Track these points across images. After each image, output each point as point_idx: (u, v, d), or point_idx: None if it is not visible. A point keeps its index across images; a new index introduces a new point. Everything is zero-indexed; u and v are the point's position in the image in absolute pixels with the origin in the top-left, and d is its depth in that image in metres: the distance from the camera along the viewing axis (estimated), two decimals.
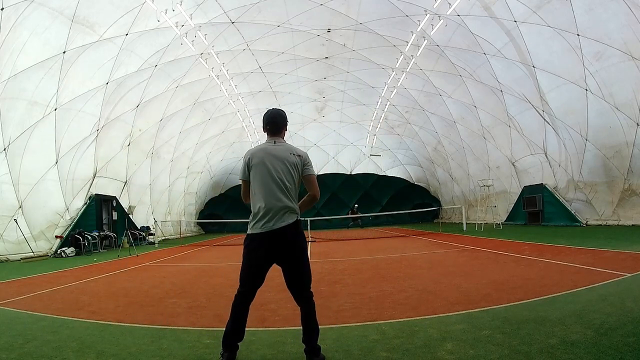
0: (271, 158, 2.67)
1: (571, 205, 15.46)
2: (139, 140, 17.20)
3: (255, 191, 2.67)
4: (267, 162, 2.66)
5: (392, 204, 28.77)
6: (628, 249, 7.02)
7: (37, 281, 7.07)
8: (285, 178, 2.64)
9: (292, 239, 2.63)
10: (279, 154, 2.69)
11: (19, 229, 11.56)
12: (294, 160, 2.69)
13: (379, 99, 21.60)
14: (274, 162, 2.66)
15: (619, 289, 4.12)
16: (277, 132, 2.83)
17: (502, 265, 6.43)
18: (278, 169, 2.64)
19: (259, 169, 2.66)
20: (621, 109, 11.99)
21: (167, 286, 6.03)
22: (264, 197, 2.62)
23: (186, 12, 12.03)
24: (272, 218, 2.59)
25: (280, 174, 2.64)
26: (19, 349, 3.10)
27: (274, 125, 2.82)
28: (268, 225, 2.59)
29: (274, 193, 2.61)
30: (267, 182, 2.63)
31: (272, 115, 2.85)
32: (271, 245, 2.60)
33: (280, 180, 2.63)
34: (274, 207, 2.59)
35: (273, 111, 2.89)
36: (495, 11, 12.34)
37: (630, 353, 2.39)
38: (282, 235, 2.59)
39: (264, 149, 2.73)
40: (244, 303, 2.71)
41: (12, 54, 9.96)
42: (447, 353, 2.64)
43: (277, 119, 2.84)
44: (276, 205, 2.60)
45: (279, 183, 2.63)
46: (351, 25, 15.06)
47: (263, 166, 2.66)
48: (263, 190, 2.63)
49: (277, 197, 2.61)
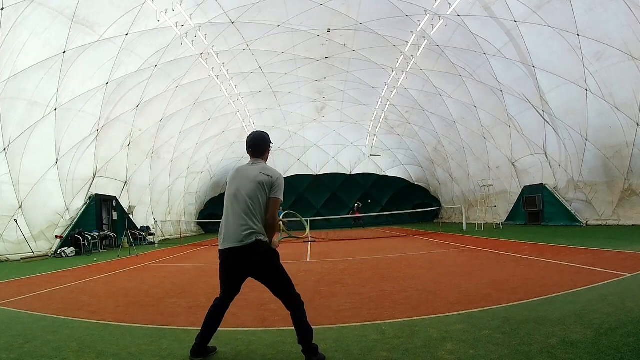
0: (241, 178, 2.74)
1: (571, 205, 15.46)
2: (139, 140, 17.20)
3: (224, 209, 2.76)
4: (236, 182, 2.73)
5: (392, 204, 28.76)
6: (628, 249, 7.02)
7: (37, 281, 7.07)
8: (250, 198, 2.65)
9: (253, 259, 2.64)
10: (249, 174, 2.73)
11: (19, 229, 11.56)
12: (263, 179, 2.68)
13: (379, 99, 21.59)
14: (243, 182, 2.71)
15: (619, 289, 4.11)
16: (258, 154, 2.86)
17: (502, 265, 6.43)
18: (246, 188, 2.67)
19: (229, 188, 2.75)
20: (621, 109, 11.99)
21: (167, 286, 6.03)
22: (226, 217, 2.71)
23: (186, 12, 12.03)
24: (230, 237, 2.65)
25: (246, 194, 2.66)
26: (19, 349, 3.10)
27: (255, 148, 2.86)
28: (227, 243, 2.66)
29: (236, 213, 2.65)
30: (232, 202, 2.70)
31: (254, 138, 2.89)
32: (233, 262, 2.68)
33: (244, 201, 2.65)
34: (233, 227, 2.65)
35: (255, 134, 2.92)
36: (495, 11, 12.33)
37: (630, 353, 2.39)
38: (242, 255, 2.63)
39: (242, 170, 2.81)
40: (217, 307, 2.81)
41: (12, 54, 9.96)
42: (447, 353, 2.64)
43: (258, 142, 2.87)
44: (236, 225, 2.64)
45: (243, 203, 2.65)
46: (351, 25, 15.05)
47: (232, 186, 2.74)
48: (228, 209, 2.71)
49: (238, 217, 2.64)
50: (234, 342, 3.12)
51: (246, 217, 2.63)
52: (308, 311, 4.04)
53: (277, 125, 25.23)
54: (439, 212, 27.32)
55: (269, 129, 25.41)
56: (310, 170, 29.30)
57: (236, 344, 3.09)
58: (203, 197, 28.60)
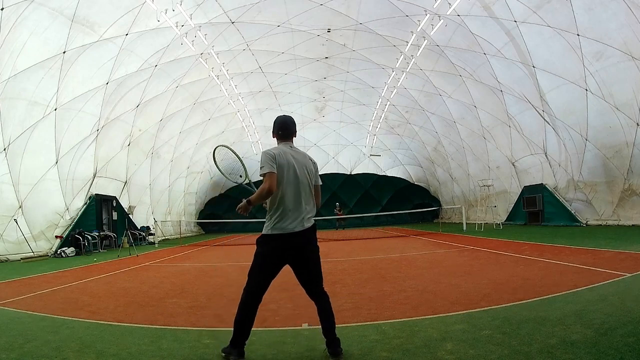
0: (296, 161, 2.75)
1: (571, 205, 15.46)
2: (139, 140, 17.20)
3: (279, 193, 2.67)
4: (293, 164, 2.72)
5: (392, 204, 28.76)
6: (628, 249, 7.01)
7: (37, 281, 7.07)
8: (308, 182, 2.75)
9: (311, 242, 2.71)
10: (300, 159, 2.78)
11: (19, 229, 11.55)
12: (311, 167, 2.81)
13: (379, 99, 21.60)
14: (299, 166, 2.74)
15: (619, 289, 4.11)
16: (289, 136, 2.90)
17: (502, 265, 6.43)
18: (303, 173, 2.73)
19: (287, 170, 2.69)
20: (621, 109, 11.99)
21: (167, 286, 6.03)
22: (292, 199, 2.66)
23: (186, 12, 12.03)
24: (295, 220, 2.65)
25: (305, 178, 2.73)
26: (19, 349, 3.10)
27: (286, 131, 2.89)
28: (290, 227, 2.63)
29: (299, 196, 2.69)
30: (295, 185, 2.69)
31: (284, 121, 2.91)
32: (289, 246, 2.65)
33: (304, 184, 2.72)
34: (299, 210, 2.66)
35: (285, 117, 2.94)
36: (495, 11, 12.33)
37: (630, 353, 2.39)
38: (302, 238, 2.65)
39: (286, 152, 2.77)
40: (255, 302, 2.72)
41: (12, 54, 9.96)
42: (447, 353, 2.64)
43: (289, 125, 2.90)
44: (301, 208, 2.67)
45: (305, 187, 2.72)
46: (351, 25, 15.06)
47: (290, 168, 2.70)
48: (290, 192, 2.67)
49: (302, 200, 2.69)
50: None
51: (307, 200, 2.71)
52: (308, 311, 4.05)
53: None
54: (439, 212, 27.32)
55: (269, 129, 25.29)
56: None
57: None
58: (203, 197, 28.60)
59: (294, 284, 3.20)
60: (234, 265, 8.73)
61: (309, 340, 3.12)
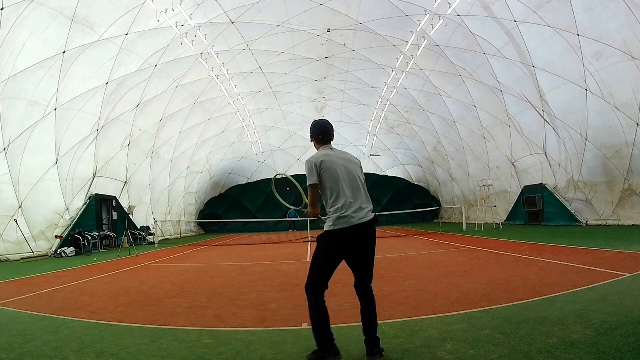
0: (343, 161, 2.84)
1: (571, 205, 15.46)
2: (139, 140, 17.20)
3: (337, 191, 2.74)
4: (341, 164, 2.80)
5: (392, 204, 28.77)
6: (628, 249, 7.02)
7: (37, 281, 7.07)
8: (358, 178, 2.82)
9: (372, 235, 2.76)
10: (347, 158, 2.90)
11: (19, 229, 11.55)
12: (357, 164, 2.92)
13: (379, 99, 21.60)
14: (347, 164, 2.83)
15: (619, 289, 4.11)
16: (329, 140, 3.00)
17: (502, 265, 6.43)
18: (352, 169, 2.83)
19: (335, 171, 2.76)
20: (621, 109, 11.99)
21: (167, 286, 6.03)
22: (350, 194, 2.73)
23: (186, 12, 12.03)
24: (358, 212, 2.70)
25: (355, 175, 2.82)
26: (19, 349, 3.10)
27: (325, 135, 2.98)
28: (353, 220, 2.67)
29: (357, 191, 2.77)
30: (349, 181, 2.77)
31: (324, 125, 3.01)
32: (353, 239, 2.70)
33: (356, 181, 2.80)
34: (360, 204, 2.74)
35: (323, 121, 3.05)
36: (495, 11, 12.34)
37: (630, 353, 2.39)
38: (365, 229, 2.70)
39: (330, 154, 2.86)
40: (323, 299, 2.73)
41: (12, 54, 9.96)
42: (447, 353, 2.64)
43: (328, 129, 3.00)
44: (361, 202, 2.75)
45: (357, 182, 2.80)
46: (351, 25, 15.06)
47: (340, 167, 2.78)
48: (347, 188, 2.74)
49: (360, 195, 2.78)
50: (234, 342, 3.12)
51: (364, 196, 2.79)
52: (307, 311, 4.05)
53: (277, 125, 25.24)
54: (439, 212, 27.34)
55: (269, 129, 25.46)
56: None
57: (236, 344, 3.08)
58: (203, 197, 28.61)
59: (293, 285, 3.19)
60: (234, 265, 8.73)
61: (309, 340, 3.12)
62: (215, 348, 2.99)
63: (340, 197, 2.72)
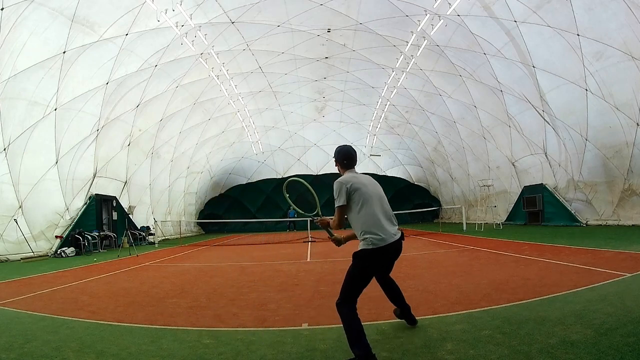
0: (370, 183, 3.10)
1: (571, 205, 15.46)
2: (139, 140, 17.20)
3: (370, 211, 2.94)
4: (370, 188, 3.04)
5: (392, 204, 28.01)
6: (628, 249, 7.02)
7: (37, 281, 7.07)
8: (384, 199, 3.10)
9: (401, 249, 3.03)
10: (372, 180, 3.16)
11: (19, 229, 11.56)
12: (380, 187, 3.18)
13: (379, 99, 21.59)
14: (374, 187, 3.09)
15: (619, 289, 4.11)
16: (353, 164, 3.23)
17: (502, 265, 6.43)
18: (380, 191, 3.11)
19: (366, 193, 2.98)
20: (621, 109, 11.99)
21: (167, 286, 6.03)
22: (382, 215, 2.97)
23: (186, 12, 12.03)
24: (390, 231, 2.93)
25: (383, 195, 3.11)
26: (19, 349, 3.10)
27: (350, 160, 3.21)
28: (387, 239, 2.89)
29: (387, 211, 3.05)
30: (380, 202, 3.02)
31: (349, 151, 3.24)
32: (387, 257, 2.97)
33: (383, 201, 3.07)
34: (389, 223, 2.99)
35: (348, 147, 3.29)
36: (495, 11, 12.34)
37: (630, 353, 2.39)
38: (397, 246, 2.96)
39: (359, 177, 3.10)
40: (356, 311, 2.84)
41: (12, 54, 9.96)
42: (447, 353, 2.64)
43: (353, 154, 3.25)
44: (391, 221, 3.02)
45: (384, 203, 3.07)
46: (351, 25, 15.06)
47: (369, 189, 3.02)
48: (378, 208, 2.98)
49: (389, 214, 3.05)
50: (234, 342, 3.12)
51: (392, 215, 3.07)
52: (308, 311, 4.06)
53: (277, 125, 25.24)
54: (439, 212, 27.33)
55: (269, 129, 25.46)
56: (310, 170, 29.28)
57: (236, 344, 3.08)
58: (203, 197, 28.60)
59: (293, 285, 3.19)
60: (234, 265, 8.73)
61: (309, 340, 3.13)
62: (215, 348, 2.99)
63: (374, 217, 2.93)
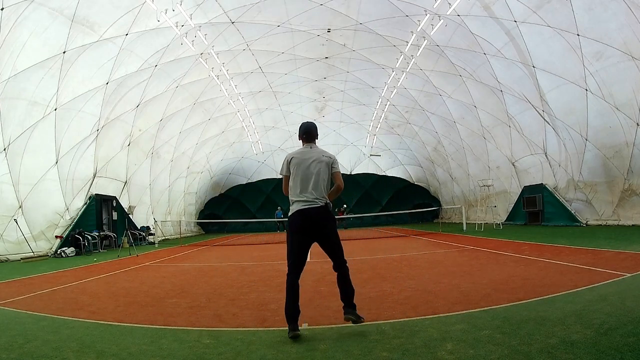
0: (312, 160, 3.44)
1: (571, 205, 15.45)
2: (139, 140, 17.20)
3: (295, 181, 3.43)
4: (309, 162, 3.42)
5: (392, 204, 28.78)
6: (628, 249, 7.01)
7: (37, 281, 7.07)
8: (319, 173, 3.40)
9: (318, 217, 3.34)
10: (314, 156, 3.48)
11: (19, 229, 11.55)
12: (326, 160, 3.47)
13: (379, 99, 21.59)
14: (315, 163, 3.42)
15: (619, 289, 4.11)
16: (311, 139, 3.62)
17: (502, 265, 6.43)
18: (314, 166, 3.41)
19: (298, 166, 3.43)
20: (621, 109, 11.99)
21: (167, 286, 6.03)
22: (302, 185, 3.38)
23: (186, 12, 12.03)
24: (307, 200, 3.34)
25: (315, 170, 3.40)
26: (19, 349, 3.10)
27: (309, 135, 3.61)
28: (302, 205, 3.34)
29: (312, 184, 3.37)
30: (307, 175, 3.39)
31: (307, 126, 3.63)
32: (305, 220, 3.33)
33: (316, 175, 3.38)
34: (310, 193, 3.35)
35: (308, 123, 3.68)
36: (495, 11, 12.33)
37: (630, 353, 2.39)
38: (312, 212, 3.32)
39: (303, 152, 3.52)
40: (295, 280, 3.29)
41: (12, 54, 9.96)
42: (447, 353, 2.64)
43: (311, 130, 3.63)
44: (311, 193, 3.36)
45: (315, 177, 3.38)
46: (351, 25, 15.05)
47: (305, 164, 3.42)
48: (303, 179, 3.39)
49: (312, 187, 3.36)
50: (234, 342, 3.12)
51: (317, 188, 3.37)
52: (308, 311, 4.05)
53: (277, 125, 25.24)
54: (439, 212, 27.33)
55: (269, 129, 25.45)
56: None
57: (236, 344, 3.08)
58: (203, 197, 28.61)
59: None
60: (234, 265, 8.73)
61: (309, 340, 3.12)
62: (215, 348, 2.99)
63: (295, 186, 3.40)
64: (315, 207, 3.31)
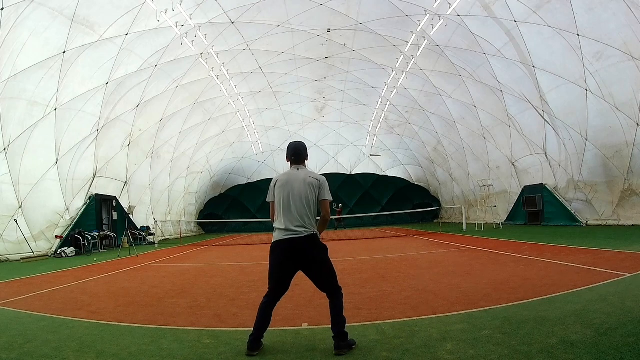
0: (297, 183, 3.05)
1: (571, 205, 15.45)
2: (139, 140, 17.20)
3: (278, 208, 3.06)
4: (294, 186, 3.03)
5: (392, 204, 28.77)
6: (628, 249, 7.02)
7: (37, 281, 7.07)
8: (305, 198, 3.01)
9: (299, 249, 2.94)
10: (299, 178, 3.08)
11: (19, 229, 11.55)
12: (313, 183, 3.06)
13: (379, 99, 21.59)
14: (300, 188, 3.03)
15: (619, 289, 4.11)
16: (300, 161, 3.20)
17: (502, 265, 6.43)
18: (298, 189, 3.02)
19: (282, 191, 3.04)
20: (621, 109, 11.99)
21: (167, 286, 6.03)
22: (286, 213, 2.99)
23: (186, 12, 12.03)
24: (289, 230, 2.95)
25: (300, 194, 3.01)
26: (19, 349, 3.10)
27: (297, 156, 3.20)
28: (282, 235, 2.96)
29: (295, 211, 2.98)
30: (291, 202, 3.00)
31: (296, 146, 3.22)
32: (284, 252, 2.96)
33: (299, 199, 2.99)
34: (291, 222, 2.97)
35: (297, 143, 3.26)
36: (495, 11, 12.33)
37: (630, 353, 2.39)
38: (298, 245, 2.93)
39: (289, 174, 3.14)
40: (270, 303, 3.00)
41: (12, 54, 9.96)
42: (447, 353, 2.64)
43: (300, 150, 3.21)
44: (293, 220, 2.97)
45: (299, 202, 2.99)
46: (351, 25, 15.05)
47: (289, 189, 3.03)
48: (286, 207, 3.01)
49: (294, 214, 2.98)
50: (234, 342, 3.12)
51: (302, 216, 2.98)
52: (308, 311, 4.06)
53: (277, 125, 25.24)
54: (439, 212, 27.33)
55: (269, 129, 25.46)
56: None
57: (236, 344, 3.08)
58: (203, 197, 28.61)
59: (293, 285, 3.21)
60: (234, 265, 8.73)
61: (309, 340, 3.13)
62: (215, 348, 2.99)
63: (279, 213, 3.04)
64: (298, 237, 2.92)
